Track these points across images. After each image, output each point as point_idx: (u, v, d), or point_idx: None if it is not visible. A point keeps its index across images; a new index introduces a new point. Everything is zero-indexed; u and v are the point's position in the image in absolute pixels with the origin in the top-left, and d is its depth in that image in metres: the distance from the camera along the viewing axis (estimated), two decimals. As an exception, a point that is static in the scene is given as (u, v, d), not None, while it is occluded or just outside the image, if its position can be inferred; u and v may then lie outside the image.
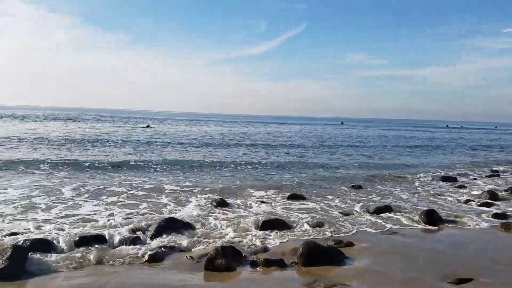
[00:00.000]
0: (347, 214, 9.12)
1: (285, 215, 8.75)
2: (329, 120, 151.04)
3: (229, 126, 58.83)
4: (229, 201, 9.86)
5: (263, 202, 10.10)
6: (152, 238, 6.82)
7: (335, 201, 10.54)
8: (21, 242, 5.92)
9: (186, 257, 6.01)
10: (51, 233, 6.78)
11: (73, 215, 8.09)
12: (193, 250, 6.38)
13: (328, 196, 11.08)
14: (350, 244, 6.77)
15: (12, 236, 6.51)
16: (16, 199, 9.06)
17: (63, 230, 7.00)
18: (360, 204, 10.07)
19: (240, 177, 13.85)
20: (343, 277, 5.30)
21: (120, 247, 6.36)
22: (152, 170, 14.46)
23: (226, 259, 5.62)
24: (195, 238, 6.89)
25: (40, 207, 8.55)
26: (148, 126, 45.43)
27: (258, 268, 5.63)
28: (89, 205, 8.99)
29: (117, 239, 6.64)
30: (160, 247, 6.36)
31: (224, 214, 8.70)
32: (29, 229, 7.00)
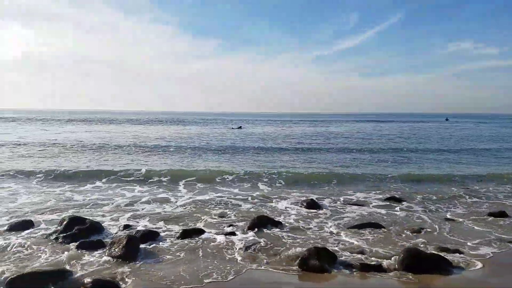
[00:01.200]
0: (452, 220, 8.33)
1: (382, 218, 8.33)
2: (431, 116, 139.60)
3: (324, 125, 57.85)
4: (322, 202, 9.72)
5: (357, 204, 9.74)
6: (245, 233, 7.07)
7: (441, 204, 9.71)
8: (134, 232, 6.67)
9: (278, 255, 6.07)
10: (161, 227, 7.48)
11: (180, 212, 8.72)
12: (283, 249, 6.42)
13: (433, 198, 10.29)
14: (457, 251, 6.18)
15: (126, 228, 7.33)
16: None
17: (169, 223, 7.69)
18: (468, 208, 9.13)
19: (337, 177, 13.47)
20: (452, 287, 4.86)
21: (217, 239, 6.72)
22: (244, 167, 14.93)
23: (320, 260, 5.55)
24: (286, 237, 6.94)
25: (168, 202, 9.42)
26: (239, 128, 47.36)
27: (354, 272, 5.45)
28: (191, 202, 9.63)
29: (213, 232, 7.08)
30: (253, 243, 6.54)
31: (315, 214, 8.60)
32: (141, 223, 7.78)
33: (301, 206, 9.23)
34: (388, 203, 9.83)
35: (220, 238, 6.75)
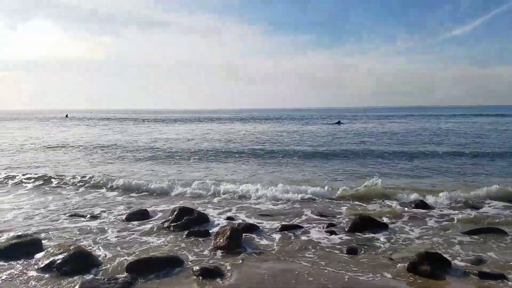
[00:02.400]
0: None
1: (504, 224, 7.36)
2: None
3: (432, 119, 53.29)
4: (433, 202, 8.95)
5: (473, 207, 8.73)
6: (347, 232, 6.86)
7: None
8: (236, 225, 6.95)
9: (384, 257, 5.75)
10: (261, 221, 7.67)
11: (280, 208, 8.84)
12: (389, 252, 6.06)
13: None
14: None
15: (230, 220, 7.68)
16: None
17: (269, 217, 7.83)
18: None
19: (455, 176, 12.24)
20: None
21: (317, 237, 6.62)
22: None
23: (431, 265, 5.11)
24: (393, 239, 6.54)
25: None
26: (339, 123, 46.70)
27: (470, 281, 4.90)
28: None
29: (313, 229, 7.00)
30: (357, 243, 6.30)
31: (427, 216, 7.95)
32: (243, 216, 8.08)
33: (409, 208, 8.62)
34: (512, 206, 8.62)
35: (320, 237, 6.65)
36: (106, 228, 7.23)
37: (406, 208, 8.60)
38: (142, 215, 8.00)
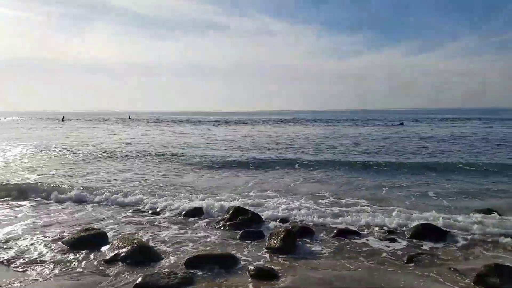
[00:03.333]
0: None
1: None
2: None
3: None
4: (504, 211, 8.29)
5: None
6: (407, 239, 6.57)
7: None
8: (291, 227, 6.92)
9: (449, 268, 5.42)
10: (317, 223, 7.58)
11: (337, 211, 8.65)
12: (453, 262, 5.69)
13: None
14: None
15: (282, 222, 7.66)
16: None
17: (326, 220, 7.72)
18: None
19: None
20: None
21: (376, 244, 6.41)
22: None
23: (502, 279, 4.74)
24: (455, 250, 6.15)
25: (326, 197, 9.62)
26: (401, 124, 45.47)
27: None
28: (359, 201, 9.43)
29: (373, 236, 6.82)
30: (418, 252, 6.00)
31: (495, 226, 7.37)
32: (298, 218, 8.03)
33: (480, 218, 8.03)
34: None
35: (379, 244, 6.41)
36: (166, 224, 7.56)
37: (477, 216, 8.01)
38: (197, 212, 8.27)
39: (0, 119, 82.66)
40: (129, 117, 79.17)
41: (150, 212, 8.53)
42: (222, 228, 7.26)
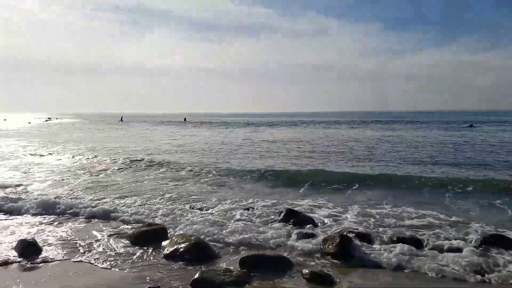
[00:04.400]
0: None
1: None
2: None
3: None
4: None
5: None
6: (476, 247, 6.14)
7: None
8: (346, 232, 6.75)
9: (522, 284, 5.00)
10: (373, 230, 7.35)
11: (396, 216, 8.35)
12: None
13: None
14: None
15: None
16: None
17: (383, 226, 7.48)
18: None
19: None
20: None
21: (433, 251, 6.06)
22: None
23: None
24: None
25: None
26: (471, 126, 42.93)
27: None
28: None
29: (431, 243, 6.47)
30: (485, 264, 5.58)
31: None
32: (351, 224, 7.85)
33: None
34: None
35: (444, 254, 6.02)
36: (220, 221, 7.74)
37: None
38: (246, 210, 8.48)
39: (64, 120, 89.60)
40: (185, 119, 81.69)
41: (205, 209, 8.78)
42: (275, 228, 7.27)
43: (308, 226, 7.31)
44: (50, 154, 19.21)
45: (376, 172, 13.24)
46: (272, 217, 7.98)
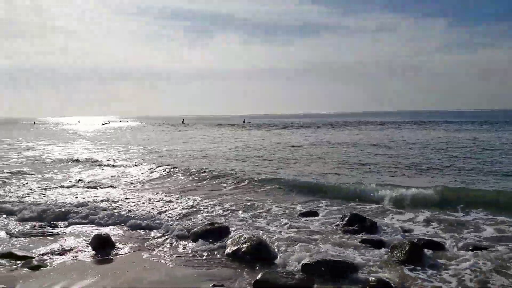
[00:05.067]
0: None
1: None
2: None
3: None
4: None
5: None
6: None
7: None
8: (416, 240, 6.35)
9: None
10: (445, 237, 6.86)
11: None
12: None
13: None
14: None
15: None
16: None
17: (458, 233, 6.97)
18: None
19: None
20: None
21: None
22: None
23: None
24: None
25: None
26: None
27: None
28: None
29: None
30: None
31: None
32: (422, 229, 7.36)
33: None
34: None
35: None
36: (281, 223, 7.68)
37: None
38: (311, 214, 8.31)
39: (128, 122, 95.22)
40: (244, 122, 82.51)
41: (265, 209, 8.79)
42: (338, 233, 7.06)
43: (374, 231, 7.01)
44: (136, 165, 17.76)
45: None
46: (336, 221, 7.76)
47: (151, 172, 14.37)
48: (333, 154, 19.65)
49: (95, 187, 11.72)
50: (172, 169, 14.48)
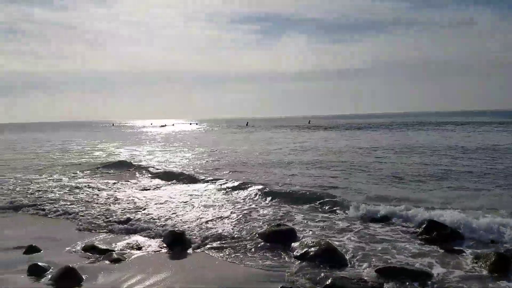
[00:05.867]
0: None
1: None
2: None
3: None
4: None
5: None
6: None
7: None
8: (503, 250, 5.78)
9: None
10: None
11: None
12: None
13: None
14: None
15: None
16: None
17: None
18: None
19: None
20: None
21: None
22: None
23: None
24: None
25: None
26: None
27: None
28: None
29: None
30: None
31: None
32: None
33: None
34: None
35: None
36: (350, 227, 7.43)
37: None
38: (384, 218, 7.95)
39: (197, 124, 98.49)
40: (309, 122, 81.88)
41: (338, 211, 8.57)
42: (414, 240, 6.63)
43: (453, 240, 6.49)
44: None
45: None
46: (411, 229, 7.31)
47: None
48: (408, 159, 17.93)
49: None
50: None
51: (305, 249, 5.86)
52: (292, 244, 6.29)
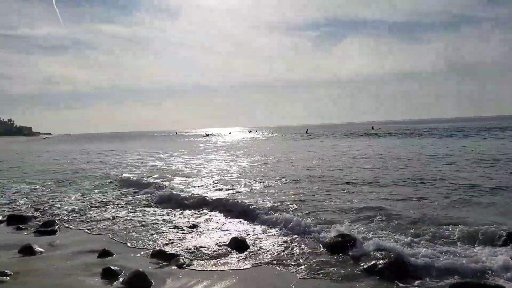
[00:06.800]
0: None
1: None
2: None
3: None
4: None
5: None
6: None
7: None
8: None
9: None
10: None
11: None
12: None
13: None
14: None
15: None
16: None
17: None
18: None
19: None
20: None
21: None
22: None
23: None
24: None
25: None
26: None
27: None
28: None
29: None
30: None
31: None
32: None
33: None
34: None
35: None
36: (419, 233, 6.93)
37: None
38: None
39: (256, 132, 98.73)
40: (372, 128, 78.66)
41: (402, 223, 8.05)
42: (490, 255, 6.01)
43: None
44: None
45: None
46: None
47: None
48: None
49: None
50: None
51: (373, 262, 5.59)
52: (355, 254, 6.06)
